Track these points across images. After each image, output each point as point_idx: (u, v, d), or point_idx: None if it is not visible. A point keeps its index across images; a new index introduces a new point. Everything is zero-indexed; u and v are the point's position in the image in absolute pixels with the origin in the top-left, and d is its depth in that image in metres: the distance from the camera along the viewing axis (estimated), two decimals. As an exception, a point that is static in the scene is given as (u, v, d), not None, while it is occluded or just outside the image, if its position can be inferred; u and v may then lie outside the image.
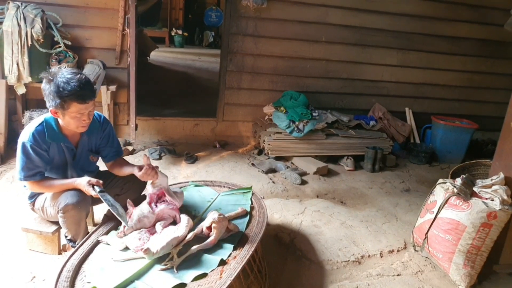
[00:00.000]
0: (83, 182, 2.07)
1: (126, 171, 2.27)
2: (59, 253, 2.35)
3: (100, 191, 2.04)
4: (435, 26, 4.92)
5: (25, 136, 2.04)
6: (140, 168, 2.15)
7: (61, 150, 2.15)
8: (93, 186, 2.05)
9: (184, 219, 2.02)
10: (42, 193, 2.21)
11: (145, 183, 2.47)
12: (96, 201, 2.32)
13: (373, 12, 4.66)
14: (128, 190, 2.40)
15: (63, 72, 1.97)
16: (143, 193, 2.45)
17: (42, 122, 2.07)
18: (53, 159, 2.14)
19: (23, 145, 2.03)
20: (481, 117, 5.29)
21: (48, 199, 2.17)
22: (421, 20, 4.84)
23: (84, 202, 2.09)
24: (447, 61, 5.12)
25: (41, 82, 3.59)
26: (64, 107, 1.96)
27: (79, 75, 1.97)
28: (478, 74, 5.30)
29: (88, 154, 2.29)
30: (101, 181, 2.09)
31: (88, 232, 2.11)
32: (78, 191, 2.08)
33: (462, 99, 5.38)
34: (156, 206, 2.06)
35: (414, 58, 4.99)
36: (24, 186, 2.25)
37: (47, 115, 2.11)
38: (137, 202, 2.17)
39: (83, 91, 1.95)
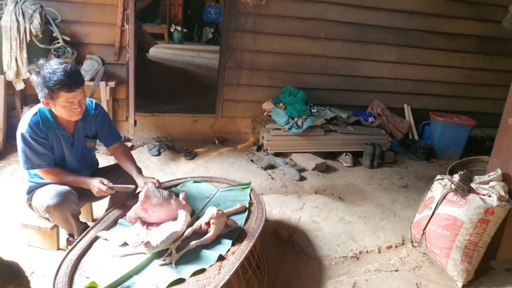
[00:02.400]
0: (95, 182, 2.13)
1: (126, 168, 2.33)
2: (58, 249, 2.36)
3: (109, 187, 2.14)
4: (434, 23, 4.91)
5: (22, 127, 2.07)
6: (146, 183, 2.17)
7: (57, 138, 2.17)
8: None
9: (182, 214, 2.02)
10: (38, 188, 2.21)
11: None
12: (90, 198, 2.34)
13: (372, 9, 4.65)
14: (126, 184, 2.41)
15: (50, 63, 2.00)
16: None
17: (37, 112, 2.10)
18: (52, 147, 2.17)
19: (23, 136, 2.06)
20: (480, 114, 5.30)
21: (37, 198, 2.18)
22: (419, 17, 4.84)
23: (66, 202, 2.09)
24: (446, 58, 5.12)
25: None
26: (53, 97, 1.99)
27: (64, 65, 1.99)
28: (477, 70, 5.30)
29: (85, 140, 2.31)
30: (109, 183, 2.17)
31: (85, 227, 2.12)
32: (60, 191, 2.09)
33: (460, 96, 5.38)
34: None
35: (413, 54, 4.99)
36: (23, 179, 2.27)
37: (41, 105, 2.13)
38: (135, 196, 2.24)
39: (69, 80, 1.97)
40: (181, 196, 2.18)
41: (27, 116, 2.10)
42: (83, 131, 2.28)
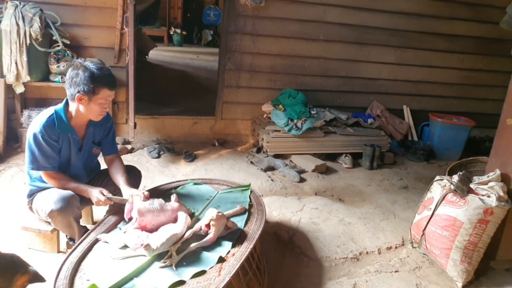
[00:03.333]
0: (95, 192, 2.15)
1: (115, 179, 2.33)
2: (58, 252, 2.37)
3: (108, 197, 2.15)
4: (433, 24, 4.93)
5: (36, 127, 2.09)
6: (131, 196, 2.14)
7: (67, 141, 2.20)
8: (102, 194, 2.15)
9: (182, 216, 2.03)
10: (39, 192, 2.22)
11: (139, 183, 2.50)
12: (91, 201, 2.34)
13: (371, 11, 4.67)
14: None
15: (90, 62, 2.12)
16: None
17: (53, 113, 2.12)
18: (60, 150, 2.19)
19: (35, 136, 2.08)
20: (479, 115, 5.30)
21: (38, 202, 2.19)
22: (418, 18, 4.86)
23: (70, 207, 2.10)
24: (445, 59, 5.13)
25: (39, 81, 3.59)
26: (95, 92, 2.07)
27: (106, 65, 2.20)
28: (476, 71, 5.32)
29: (92, 146, 2.35)
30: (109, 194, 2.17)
31: (86, 231, 2.12)
32: (64, 196, 2.10)
33: (459, 97, 5.40)
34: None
35: (412, 56, 5.01)
36: (24, 183, 2.28)
37: (57, 106, 2.16)
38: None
39: (113, 79, 2.15)
40: (172, 199, 2.17)
41: (41, 116, 2.12)
42: (92, 136, 2.32)
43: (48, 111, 2.15)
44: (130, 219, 2.03)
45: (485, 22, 5.05)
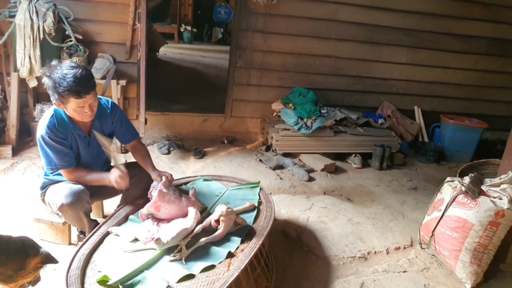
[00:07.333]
0: (112, 175, 2.16)
1: (142, 164, 2.38)
2: (69, 244, 2.40)
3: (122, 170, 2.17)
4: (446, 24, 4.88)
5: (41, 130, 2.10)
6: (160, 175, 2.23)
7: (74, 138, 2.21)
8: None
9: (192, 211, 2.04)
10: (52, 185, 2.25)
11: (151, 180, 2.51)
12: (102, 196, 2.39)
13: (383, 10, 4.64)
14: (135, 185, 2.42)
15: (61, 67, 1.97)
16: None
17: (53, 113, 2.13)
18: (72, 146, 2.20)
19: (42, 138, 2.10)
20: (491, 117, 5.24)
21: (50, 195, 2.22)
22: (432, 18, 4.81)
23: (80, 201, 2.12)
24: (458, 60, 5.07)
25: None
26: (63, 101, 2.01)
27: (75, 70, 1.95)
28: (489, 73, 5.25)
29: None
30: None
31: (96, 225, 2.16)
32: (74, 190, 2.12)
33: (472, 98, 5.34)
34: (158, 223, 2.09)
35: (424, 56, 4.96)
36: (38, 175, 2.31)
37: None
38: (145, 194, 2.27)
39: (79, 87, 1.94)
40: (190, 192, 2.21)
41: (44, 118, 2.13)
42: (100, 129, 2.30)
43: (49, 112, 2.14)
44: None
45: (501, 22, 4.99)
